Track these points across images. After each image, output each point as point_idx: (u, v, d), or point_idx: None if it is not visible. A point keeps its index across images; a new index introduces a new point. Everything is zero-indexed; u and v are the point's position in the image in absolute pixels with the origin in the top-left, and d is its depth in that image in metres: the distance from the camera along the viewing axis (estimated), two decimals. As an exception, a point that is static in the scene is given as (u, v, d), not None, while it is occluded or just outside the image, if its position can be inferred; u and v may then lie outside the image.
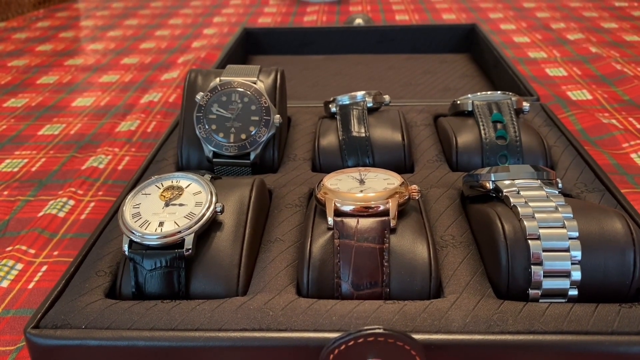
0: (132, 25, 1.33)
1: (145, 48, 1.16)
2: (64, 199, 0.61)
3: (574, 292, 0.35)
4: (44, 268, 0.52)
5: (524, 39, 1.11)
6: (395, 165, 0.51)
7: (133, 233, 0.37)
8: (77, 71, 1.04)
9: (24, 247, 0.54)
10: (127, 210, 0.39)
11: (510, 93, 0.56)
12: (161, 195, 0.40)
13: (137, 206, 0.39)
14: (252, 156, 0.51)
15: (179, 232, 0.37)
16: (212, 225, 0.39)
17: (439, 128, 0.58)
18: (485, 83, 0.85)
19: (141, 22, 1.36)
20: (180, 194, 0.40)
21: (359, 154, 0.52)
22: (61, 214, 0.59)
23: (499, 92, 0.56)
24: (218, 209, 0.39)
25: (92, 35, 1.27)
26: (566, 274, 0.35)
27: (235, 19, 1.36)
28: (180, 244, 0.37)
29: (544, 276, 0.35)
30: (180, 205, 0.39)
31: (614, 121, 0.74)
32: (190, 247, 0.37)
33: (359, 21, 1.05)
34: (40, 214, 0.60)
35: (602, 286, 0.36)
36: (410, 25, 0.99)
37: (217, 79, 0.53)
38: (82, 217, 0.59)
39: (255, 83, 0.52)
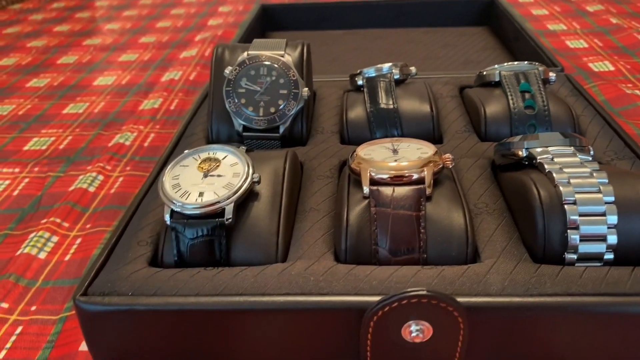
0: (146, 5, 1.33)
1: (161, 27, 1.16)
2: (94, 174, 0.62)
3: (609, 256, 0.36)
4: (79, 241, 0.53)
5: (542, 12, 1.10)
6: (424, 136, 0.51)
7: (174, 203, 0.38)
8: (95, 51, 1.04)
9: (58, 220, 0.55)
10: (167, 181, 0.40)
11: (537, 63, 0.56)
12: (199, 166, 0.41)
13: (176, 177, 0.40)
14: (281, 129, 0.52)
15: (219, 202, 0.38)
16: (249, 196, 0.40)
17: (466, 99, 0.58)
18: (506, 55, 0.84)
19: (156, 1, 1.35)
20: (218, 166, 0.41)
21: (387, 126, 0.52)
22: (91, 189, 0.60)
23: (525, 62, 0.56)
24: (255, 179, 0.40)
25: (107, 15, 1.27)
26: (602, 238, 0.36)
27: (249, -5, 1.35)
28: (220, 213, 0.38)
29: (580, 240, 0.36)
30: (219, 176, 0.40)
31: (637, 91, 0.74)
32: (231, 216, 0.38)
33: (376, -5, 1.04)
34: (71, 188, 0.61)
35: (639, 250, 0.36)
36: (429, -1, 0.99)
37: (245, 53, 0.53)
38: (112, 191, 0.61)
39: (282, 56, 0.53)
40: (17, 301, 0.46)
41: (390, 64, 0.56)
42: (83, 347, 0.41)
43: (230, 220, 0.38)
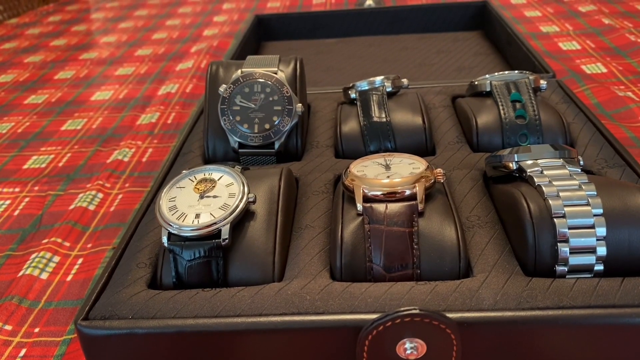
0: (142, 16, 1.34)
1: (157, 38, 1.17)
2: (93, 192, 0.63)
3: (599, 267, 0.36)
4: (80, 261, 0.54)
5: (535, 13, 1.10)
6: (417, 148, 0.52)
7: (171, 225, 0.39)
8: (92, 65, 1.05)
9: (59, 240, 0.56)
10: (164, 203, 0.40)
11: (528, 72, 0.56)
12: (195, 187, 0.42)
13: (172, 199, 0.41)
14: (276, 145, 0.53)
15: (215, 223, 0.39)
16: (245, 215, 0.41)
17: (458, 109, 0.58)
18: (499, 61, 0.85)
19: (151, 12, 1.36)
20: (214, 186, 0.41)
21: (380, 138, 0.53)
22: (91, 207, 0.61)
23: (516, 71, 0.56)
24: (251, 199, 0.40)
25: (103, 28, 1.28)
26: (592, 250, 0.36)
27: (244, 4, 1.36)
28: (217, 234, 0.39)
29: (570, 253, 0.36)
30: (215, 197, 0.41)
31: (629, 94, 0.75)
32: (227, 237, 0.38)
33: (369, 2, 1.05)
34: (72, 206, 0.61)
35: (627, 260, 0.37)
36: (422, 5, 0.99)
37: (239, 71, 0.54)
38: (112, 209, 0.61)
39: (276, 73, 0.53)
40: (20, 323, 0.47)
41: (382, 77, 0.57)
42: (86, 368, 0.41)
43: (226, 241, 0.38)
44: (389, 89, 0.56)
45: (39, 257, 0.53)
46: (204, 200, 0.40)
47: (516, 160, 0.42)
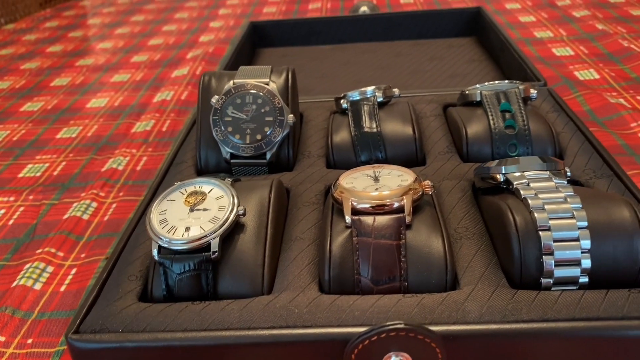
0: (139, 22, 1.34)
1: (153, 44, 1.18)
2: (87, 201, 0.64)
3: (584, 280, 0.37)
4: (74, 271, 0.54)
5: (529, 18, 1.11)
6: (407, 158, 0.53)
7: (161, 239, 0.39)
8: (88, 71, 1.06)
9: (53, 250, 0.56)
10: (154, 216, 0.41)
11: (518, 81, 0.57)
12: (185, 200, 0.42)
13: (163, 212, 0.41)
14: (268, 156, 0.53)
15: (205, 236, 0.39)
16: (235, 228, 0.41)
17: (449, 119, 0.59)
18: (492, 67, 0.85)
19: (147, 18, 1.37)
20: (204, 199, 0.42)
21: (371, 149, 0.53)
22: (85, 217, 0.62)
23: (506, 81, 0.57)
24: (240, 212, 0.41)
25: (100, 34, 1.28)
26: (577, 263, 0.37)
27: (240, 10, 1.36)
28: (206, 247, 0.39)
29: (555, 265, 0.37)
30: (205, 210, 0.41)
31: (622, 100, 0.75)
32: (217, 250, 0.39)
33: (364, 9, 1.06)
34: (66, 216, 0.62)
35: (612, 272, 0.37)
36: (416, 11, 1.00)
37: (231, 82, 0.54)
38: (106, 218, 0.62)
39: (267, 84, 0.54)
40: (13, 334, 0.47)
41: (373, 87, 0.57)
42: (78, 380, 0.42)
43: (216, 254, 0.39)
44: (380, 99, 0.57)
45: (32, 267, 0.54)
46: (194, 214, 0.41)
47: (503, 172, 0.42)
